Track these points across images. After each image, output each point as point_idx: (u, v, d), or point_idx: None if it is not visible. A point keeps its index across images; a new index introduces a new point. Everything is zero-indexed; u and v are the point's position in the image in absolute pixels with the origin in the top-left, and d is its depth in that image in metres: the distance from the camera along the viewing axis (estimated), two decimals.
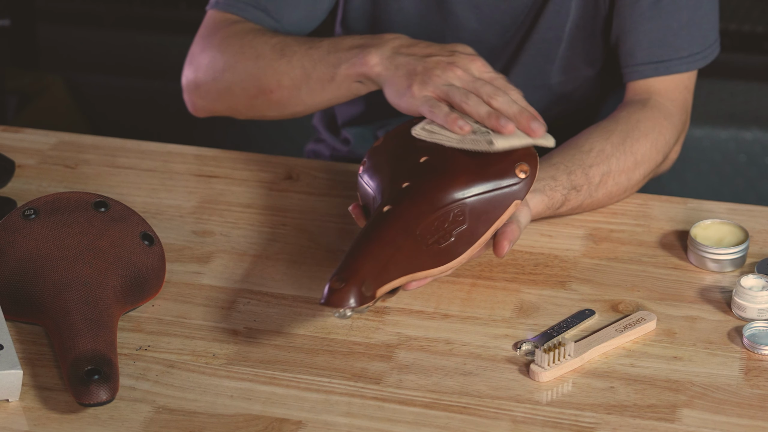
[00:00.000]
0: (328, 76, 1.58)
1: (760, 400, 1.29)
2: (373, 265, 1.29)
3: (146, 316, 1.42)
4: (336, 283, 1.27)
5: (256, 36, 1.66)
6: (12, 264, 1.41)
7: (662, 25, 1.63)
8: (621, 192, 1.57)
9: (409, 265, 1.32)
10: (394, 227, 1.32)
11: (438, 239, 1.34)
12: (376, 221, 1.34)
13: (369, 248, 1.30)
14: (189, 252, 1.53)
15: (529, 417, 1.27)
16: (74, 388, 1.26)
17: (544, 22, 1.70)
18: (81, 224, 1.44)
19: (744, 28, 2.93)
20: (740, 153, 2.68)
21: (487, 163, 1.38)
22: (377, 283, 1.29)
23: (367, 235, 1.32)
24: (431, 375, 1.32)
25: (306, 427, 1.26)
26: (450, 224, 1.35)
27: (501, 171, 1.37)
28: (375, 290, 1.28)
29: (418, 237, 1.33)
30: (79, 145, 1.76)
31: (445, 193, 1.35)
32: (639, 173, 1.58)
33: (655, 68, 1.64)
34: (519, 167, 1.38)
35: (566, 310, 1.42)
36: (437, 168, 1.38)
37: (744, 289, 1.40)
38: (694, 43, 1.64)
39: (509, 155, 1.39)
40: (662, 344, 1.37)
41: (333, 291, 1.27)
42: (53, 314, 1.35)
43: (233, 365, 1.34)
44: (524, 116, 1.41)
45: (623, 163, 1.56)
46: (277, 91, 1.63)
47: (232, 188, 1.66)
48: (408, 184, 1.37)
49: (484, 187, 1.36)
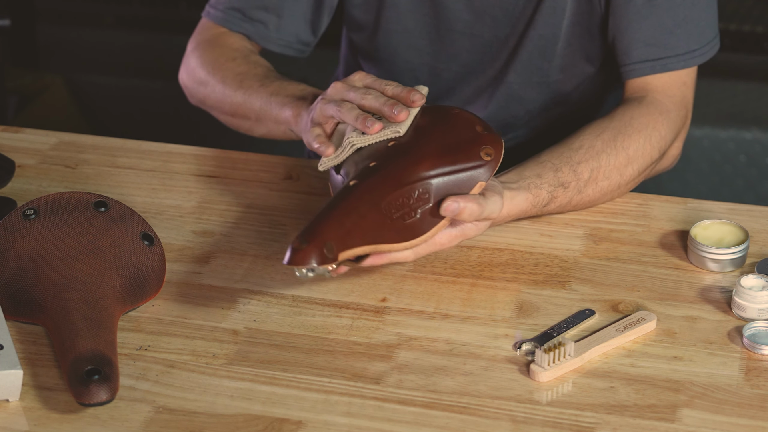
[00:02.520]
0: (273, 117, 1.63)
1: (760, 400, 1.29)
2: (336, 229, 1.32)
3: (146, 316, 1.42)
4: (298, 243, 1.30)
5: (227, 60, 1.71)
6: (12, 264, 1.41)
7: (657, 23, 1.63)
8: (614, 188, 1.57)
9: (373, 234, 1.35)
10: (360, 198, 1.36)
11: (403, 215, 1.37)
12: (342, 192, 1.38)
13: (333, 213, 1.34)
14: (189, 252, 1.53)
15: (529, 417, 1.27)
16: (74, 388, 1.26)
17: (540, 18, 1.70)
18: (81, 224, 1.44)
19: (744, 28, 2.93)
20: (740, 153, 2.68)
21: (454, 146, 1.42)
22: (340, 246, 1.32)
23: (332, 203, 1.36)
24: (431, 375, 1.32)
25: (306, 427, 1.26)
26: (415, 201, 1.38)
27: (466, 153, 1.41)
28: (337, 253, 1.31)
29: (383, 209, 1.36)
30: (79, 145, 1.76)
31: (410, 172, 1.39)
32: (632, 169, 1.58)
33: (651, 66, 1.65)
34: (484, 150, 1.42)
35: (566, 310, 1.42)
36: (404, 150, 1.42)
37: (744, 289, 1.40)
38: (691, 41, 1.64)
39: (476, 140, 1.42)
40: (662, 344, 1.37)
41: (295, 251, 1.30)
42: (53, 314, 1.35)
43: (233, 365, 1.34)
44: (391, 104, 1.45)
45: (614, 159, 1.56)
46: (239, 118, 1.69)
47: (232, 188, 1.66)
48: (375, 164, 1.40)
49: (449, 168, 1.40)
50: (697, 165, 2.68)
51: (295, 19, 1.76)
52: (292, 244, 1.31)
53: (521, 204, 1.49)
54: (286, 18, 1.76)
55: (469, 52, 1.76)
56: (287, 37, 1.77)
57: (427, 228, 1.38)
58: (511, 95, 1.78)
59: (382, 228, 1.35)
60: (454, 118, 1.46)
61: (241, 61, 1.71)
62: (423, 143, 1.42)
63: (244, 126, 1.71)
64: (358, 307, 1.42)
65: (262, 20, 1.76)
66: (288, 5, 1.75)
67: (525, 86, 1.77)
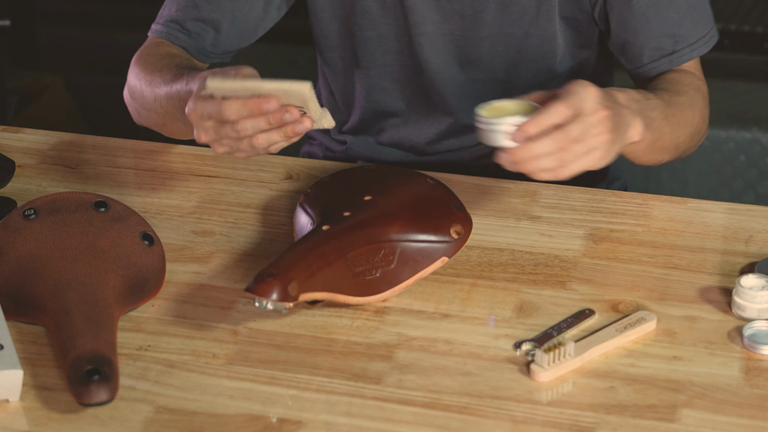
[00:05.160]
0: (174, 115, 1.56)
1: (760, 400, 1.29)
2: (303, 270, 1.35)
3: (146, 316, 1.42)
4: (265, 275, 1.32)
5: (149, 63, 1.65)
6: (12, 264, 1.41)
7: (664, 19, 1.64)
8: (688, 124, 1.61)
9: (334, 284, 1.38)
10: (330, 244, 1.39)
11: (364, 271, 1.40)
12: (315, 233, 1.41)
13: (303, 254, 1.37)
14: (189, 252, 1.53)
15: (529, 417, 1.27)
16: (74, 388, 1.27)
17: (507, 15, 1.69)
18: (81, 224, 1.44)
19: (744, 28, 2.93)
20: (740, 153, 2.68)
21: (426, 216, 1.45)
22: (303, 287, 1.35)
23: (304, 242, 1.39)
24: (431, 375, 1.32)
25: (306, 427, 1.26)
26: (379, 260, 1.41)
27: (437, 227, 1.45)
28: (299, 293, 1.34)
29: (349, 261, 1.39)
30: (79, 145, 1.76)
31: (381, 230, 1.42)
32: (692, 115, 1.62)
33: (669, 61, 1.67)
34: (454, 228, 1.46)
35: (566, 310, 1.42)
36: (379, 207, 1.45)
37: (744, 289, 1.40)
38: (698, 27, 1.67)
39: (449, 216, 1.46)
40: (662, 344, 1.37)
41: (260, 281, 1.32)
42: (53, 314, 1.35)
43: (233, 365, 1.34)
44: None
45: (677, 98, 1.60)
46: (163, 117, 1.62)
47: (232, 188, 1.66)
48: (349, 214, 1.43)
49: (417, 237, 1.43)
50: (697, 165, 2.68)
51: (235, 33, 1.74)
52: (260, 272, 1.33)
53: (627, 89, 1.48)
54: (223, 33, 1.73)
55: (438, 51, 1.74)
56: (222, 52, 1.75)
57: (384, 288, 1.41)
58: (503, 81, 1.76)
59: (344, 280, 1.39)
60: (432, 190, 1.51)
61: (153, 68, 1.64)
62: (398, 206, 1.46)
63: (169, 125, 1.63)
64: (358, 307, 1.42)
65: (199, 32, 1.72)
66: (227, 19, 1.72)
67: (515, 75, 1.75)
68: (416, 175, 1.54)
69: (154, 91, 1.60)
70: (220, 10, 1.72)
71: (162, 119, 1.62)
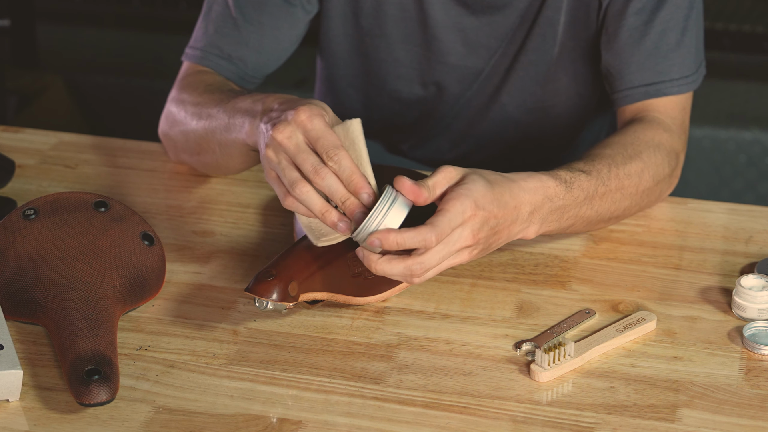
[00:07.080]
0: (230, 141, 1.48)
1: (760, 400, 1.29)
2: (303, 270, 1.35)
3: (146, 316, 1.42)
4: (265, 275, 1.33)
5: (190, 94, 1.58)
6: (12, 264, 1.41)
7: (652, 48, 1.59)
8: (634, 192, 1.49)
9: (334, 284, 1.38)
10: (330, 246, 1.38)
11: (364, 271, 1.39)
12: None
13: (303, 254, 1.37)
14: (189, 252, 1.53)
15: (529, 417, 1.27)
16: (74, 388, 1.27)
17: (531, 45, 1.68)
18: (81, 224, 1.44)
19: (744, 28, 2.93)
20: (740, 153, 2.68)
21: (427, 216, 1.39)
22: (303, 287, 1.35)
23: (304, 242, 1.38)
24: (431, 375, 1.32)
25: (306, 427, 1.26)
26: None
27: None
28: (299, 293, 1.34)
29: (349, 261, 1.39)
30: (79, 145, 1.76)
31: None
32: (648, 176, 1.50)
33: (645, 91, 1.60)
34: None
35: (566, 310, 1.42)
36: None
37: (744, 289, 1.40)
38: (684, 66, 1.60)
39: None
40: (662, 344, 1.37)
41: (260, 281, 1.32)
42: (53, 314, 1.35)
43: (233, 365, 1.34)
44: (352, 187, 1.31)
45: (629, 162, 1.48)
46: (204, 154, 1.58)
47: (232, 188, 1.66)
48: None
49: None
50: (697, 165, 2.68)
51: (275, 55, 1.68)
52: (259, 273, 1.33)
53: (537, 187, 1.36)
54: (265, 55, 1.67)
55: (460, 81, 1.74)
56: (261, 76, 1.69)
57: (384, 288, 1.42)
58: (506, 119, 1.76)
59: (343, 280, 1.39)
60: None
61: (202, 90, 1.58)
62: None
63: (211, 161, 1.58)
64: (358, 307, 1.42)
65: (241, 57, 1.66)
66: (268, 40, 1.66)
67: (521, 112, 1.74)
68: (417, 175, 1.54)
69: (209, 113, 1.52)
70: (261, 31, 1.65)
71: (209, 145, 1.53)
